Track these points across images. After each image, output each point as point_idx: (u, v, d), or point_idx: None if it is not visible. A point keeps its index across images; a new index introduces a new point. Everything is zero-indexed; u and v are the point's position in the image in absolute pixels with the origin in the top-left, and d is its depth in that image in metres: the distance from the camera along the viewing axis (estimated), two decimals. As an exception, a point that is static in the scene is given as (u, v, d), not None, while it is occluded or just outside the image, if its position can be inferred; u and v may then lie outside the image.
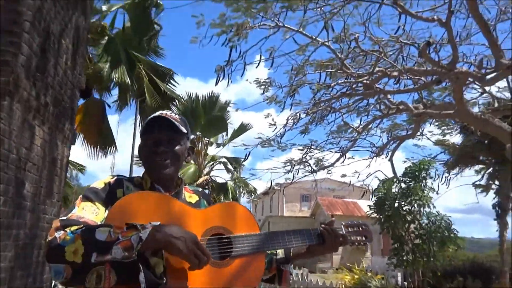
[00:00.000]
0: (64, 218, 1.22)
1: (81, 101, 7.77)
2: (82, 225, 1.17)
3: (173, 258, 1.16)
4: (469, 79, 5.00)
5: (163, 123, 1.39)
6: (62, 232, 1.14)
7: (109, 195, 1.31)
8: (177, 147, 1.40)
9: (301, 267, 17.16)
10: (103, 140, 8.60)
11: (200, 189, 1.58)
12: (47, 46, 3.10)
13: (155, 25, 8.08)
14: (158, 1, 7.68)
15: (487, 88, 5.98)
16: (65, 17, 3.44)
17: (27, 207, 3.14)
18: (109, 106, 8.71)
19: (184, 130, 1.42)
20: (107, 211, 1.25)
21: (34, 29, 2.82)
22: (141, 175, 1.44)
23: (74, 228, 1.15)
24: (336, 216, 21.49)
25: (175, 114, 1.46)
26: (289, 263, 1.55)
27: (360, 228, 1.59)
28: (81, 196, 1.33)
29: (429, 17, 4.72)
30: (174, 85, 9.75)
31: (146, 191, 1.31)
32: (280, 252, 1.55)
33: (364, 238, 1.57)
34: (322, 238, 1.48)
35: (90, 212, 1.25)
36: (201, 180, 13.67)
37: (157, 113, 1.43)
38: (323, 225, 1.51)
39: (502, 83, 6.17)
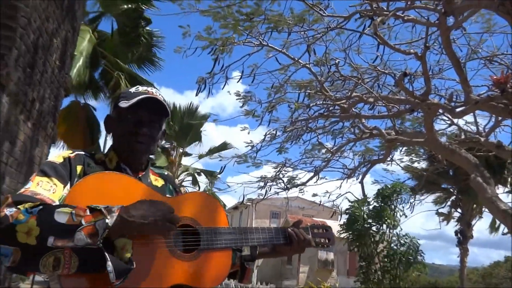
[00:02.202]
0: (16, 194, 1.07)
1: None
2: (38, 203, 1.03)
3: (136, 243, 1.06)
4: (440, 110, 5.30)
5: (150, 103, 1.27)
6: (14, 209, 0.99)
7: (68, 171, 1.17)
8: (156, 131, 1.31)
9: (268, 283, 17.12)
10: (90, 145, 8.37)
11: (166, 173, 1.48)
12: (39, 43, 3.14)
13: (143, 38, 8.07)
14: (145, 15, 7.70)
15: (455, 121, 6.33)
16: (59, 17, 3.48)
17: (3, 202, 3.06)
18: (94, 109, 8.53)
19: (169, 113, 1.34)
20: (65, 190, 1.13)
21: (30, 26, 2.86)
22: (104, 152, 1.31)
23: (29, 205, 1.01)
24: (304, 235, 21.61)
25: (159, 94, 1.33)
26: (254, 260, 1.51)
27: (324, 231, 1.59)
28: (38, 170, 1.17)
29: (406, 50, 5.01)
30: None
31: (112, 172, 1.19)
32: (246, 249, 1.49)
33: (327, 241, 1.58)
34: (289, 239, 1.46)
35: (47, 189, 1.10)
36: None
37: (141, 89, 1.31)
38: (290, 227, 1.50)
39: (470, 117, 6.56)
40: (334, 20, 5.21)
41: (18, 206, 1.00)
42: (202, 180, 15.52)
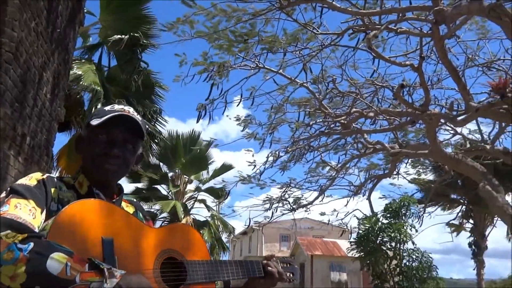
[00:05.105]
0: None
1: (65, 137, 7.55)
2: (27, 236, 0.88)
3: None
4: (441, 120, 5.22)
5: (124, 121, 1.18)
6: None
7: (44, 194, 1.06)
8: (130, 153, 1.21)
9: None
10: None
11: (135, 200, 1.42)
12: (27, 78, 3.13)
13: (141, 63, 8.09)
14: (143, 42, 7.78)
15: (458, 130, 6.23)
16: (48, 51, 3.49)
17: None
18: None
19: (144, 134, 1.24)
20: (43, 215, 1.02)
21: (16, 61, 2.85)
22: (72, 176, 1.21)
23: (17, 238, 0.87)
24: (315, 256, 21.23)
25: (137, 114, 1.23)
26: None
27: (289, 265, 1.59)
28: (8, 190, 1.02)
29: (402, 62, 4.98)
30: (162, 124, 9.77)
31: (95, 200, 1.10)
32: (219, 283, 1.42)
33: (292, 275, 1.57)
34: (263, 272, 1.44)
35: (27, 213, 0.97)
36: (184, 220, 13.43)
37: (117, 107, 1.21)
38: (265, 259, 1.48)
39: (473, 126, 6.46)
40: (327, 37, 5.21)
41: (1, 235, 0.87)
42: (209, 204, 15.36)
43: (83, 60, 7.70)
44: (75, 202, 1.04)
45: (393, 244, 9.32)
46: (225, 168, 15.00)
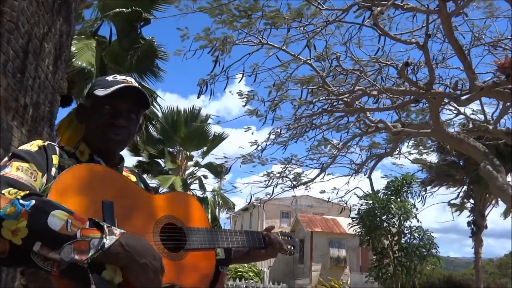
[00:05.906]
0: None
1: (66, 112, 7.57)
2: (29, 192, 0.91)
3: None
4: (445, 99, 5.19)
5: (129, 92, 1.19)
6: None
7: (45, 160, 1.08)
8: (134, 123, 1.23)
9: (280, 282, 17.02)
10: None
11: (136, 171, 1.43)
12: (29, 48, 3.11)
13: (141, 40, 7.93)
14: (146, 16, 7.62)
15: (462, 110, 6.21)
16: (49, 21, 3.45)
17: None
18: None
19: (148, 104, 1.26)
20: (44, 179, 1.04)
21: (17, 30, 2.83)
22: (73, 145, 1.23)
23: (21, 194, 0.89)
24: (315, 233, 21.51)
25: (138, 85, 1.24)
26: (228, 264, 1.47)
27: (290, 238, 1.61)
28: (10, 155, 1.05)
29: (407, 40, 4.91)
30: (156, 106, 9.78)
31: (96, 164, 1.12)
32: (220, 252, 1.42)
33: (293, 248, 1.60)
34: (264, 243, 1.46)
35: (28, 175, 1.00)
36: None
37: (119, 77, 1.23)
38: (266, 231, 1.50)
39: (477, 106, 6.44)
40: (332, 13, 5.12)
41: (3, 191, 0.89)
42: (209, 182, 15.45)
43: (82, 36, 7.60)
44: (76, 165, 1.06)
45: (395, 220, 9.39)
46: (219, 138, 14.91)
